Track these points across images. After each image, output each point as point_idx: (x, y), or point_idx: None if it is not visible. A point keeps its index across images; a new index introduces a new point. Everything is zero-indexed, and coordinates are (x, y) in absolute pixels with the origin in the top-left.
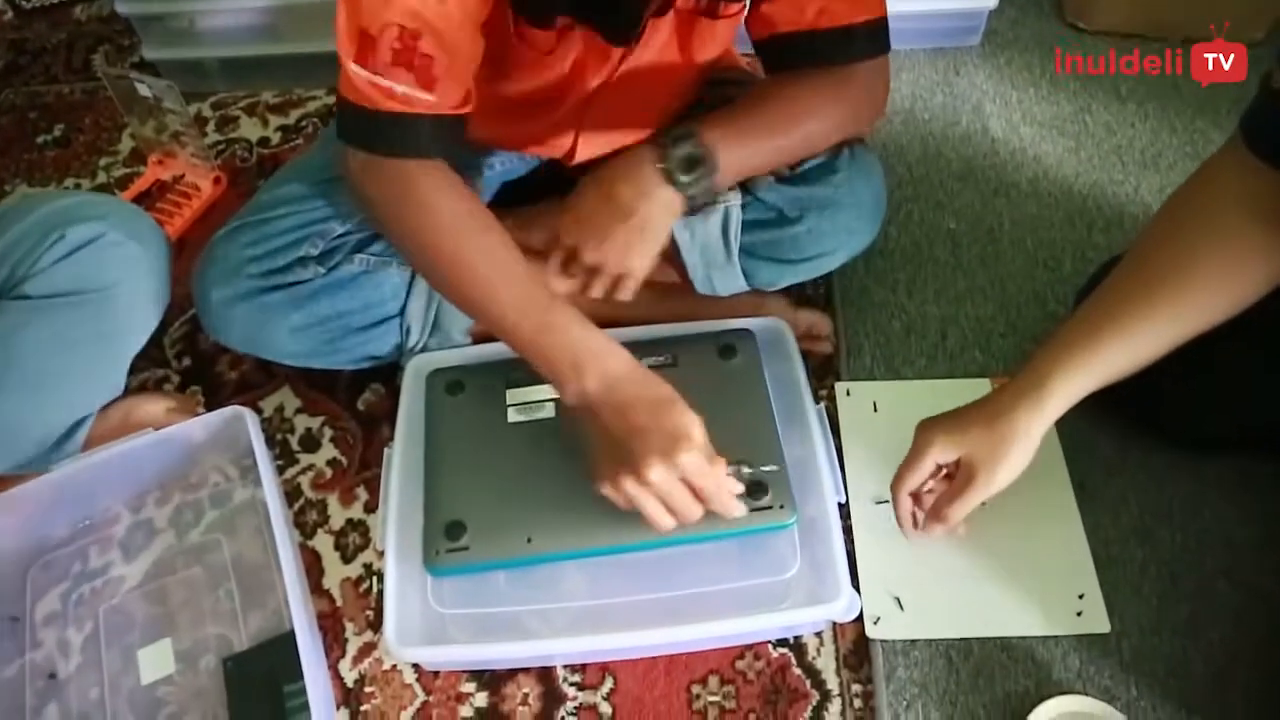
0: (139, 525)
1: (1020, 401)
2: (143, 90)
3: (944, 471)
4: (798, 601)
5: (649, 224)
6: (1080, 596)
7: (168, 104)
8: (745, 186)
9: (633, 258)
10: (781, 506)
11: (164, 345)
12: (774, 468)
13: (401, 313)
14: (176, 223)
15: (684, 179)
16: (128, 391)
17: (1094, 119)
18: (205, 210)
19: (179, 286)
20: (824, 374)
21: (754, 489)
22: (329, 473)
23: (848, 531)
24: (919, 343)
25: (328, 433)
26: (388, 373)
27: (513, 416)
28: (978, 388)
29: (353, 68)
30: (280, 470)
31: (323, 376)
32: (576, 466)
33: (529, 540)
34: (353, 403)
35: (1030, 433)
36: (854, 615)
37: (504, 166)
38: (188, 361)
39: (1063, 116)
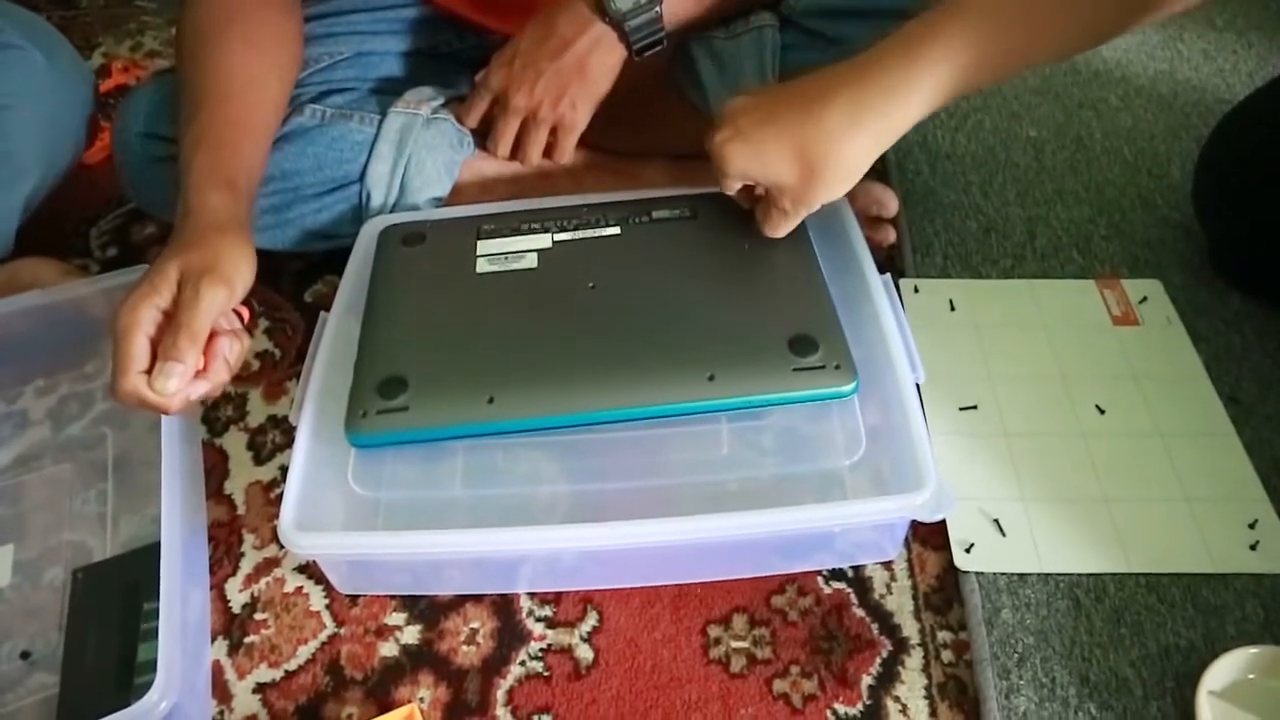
0: (7, 416)
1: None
2: None
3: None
4: (862, 495)
5: (586, 64)
6: (1252, 525)
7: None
8: (776, 7)
9: (567, 102)
10: (837, 367)
11: (89, 236)
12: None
13: (362, 176)
14: None
15: (619, 8)
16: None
17: (1188, 46)
18: None
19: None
20: (884, 272)
21: (799, 344)
22: (256, 365)
23: None
24: (1002, 242)
25: (263, 324)
26: (344, 262)
27: (483, 267)
28: (1082, 290)
29: None
30: None
31: (268, 262)
32: (564, 315)
33: (490, 401)
34: (299, 293)
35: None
36: (943, 513)
37: None
38: (114, 252)
39: (1150, 44)
